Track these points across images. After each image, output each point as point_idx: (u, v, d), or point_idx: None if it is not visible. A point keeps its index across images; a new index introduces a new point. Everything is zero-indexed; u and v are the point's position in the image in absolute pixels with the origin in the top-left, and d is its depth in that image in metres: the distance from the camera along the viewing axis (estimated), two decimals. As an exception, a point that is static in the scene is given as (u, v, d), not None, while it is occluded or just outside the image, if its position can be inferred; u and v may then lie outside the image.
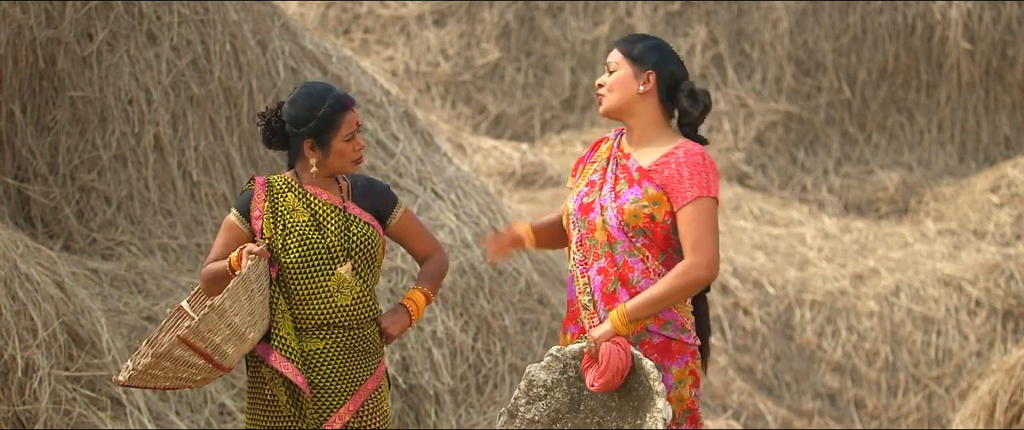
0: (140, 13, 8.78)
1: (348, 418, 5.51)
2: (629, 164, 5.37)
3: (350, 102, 5.57)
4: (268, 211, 5.55)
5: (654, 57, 5.39)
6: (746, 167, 13.70)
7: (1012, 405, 8.58)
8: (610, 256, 5.32)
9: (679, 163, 5.30)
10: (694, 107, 5.40)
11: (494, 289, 9.02)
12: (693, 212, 5.27)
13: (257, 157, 8.95)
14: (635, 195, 5.31)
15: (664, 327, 5.32)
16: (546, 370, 5.31)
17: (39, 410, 7.02)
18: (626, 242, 5.31)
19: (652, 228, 5.30)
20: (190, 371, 5.42)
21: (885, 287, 11.78)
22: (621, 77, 5.40)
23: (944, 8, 14.13)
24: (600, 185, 5.41)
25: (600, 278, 5.34)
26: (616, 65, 5.41)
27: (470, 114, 14.13)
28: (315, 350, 5.52)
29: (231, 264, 5.46)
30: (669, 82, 5.40)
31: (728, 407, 10.42)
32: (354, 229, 5.53)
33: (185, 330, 5.32)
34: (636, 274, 5.31)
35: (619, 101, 5.40)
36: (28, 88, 8.59)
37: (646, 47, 5.41)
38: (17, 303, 7.06)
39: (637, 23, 14.16)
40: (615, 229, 5.32)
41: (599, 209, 5.36)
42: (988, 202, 12.90)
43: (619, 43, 5.46)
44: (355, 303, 5.53)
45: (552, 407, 5.30)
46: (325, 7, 14.65)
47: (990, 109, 14.29)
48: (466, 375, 8.72)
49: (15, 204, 8.51)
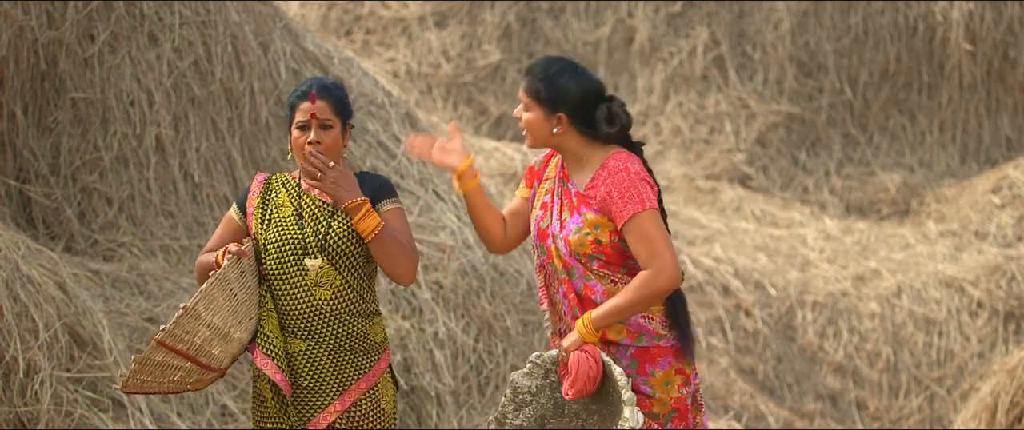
0: (141, 14, 8.79)
1: (334, 418, 5.50)
2: (569, 187, 5.39)
3: (313, 92, 5.53)
4: (258, 207, 5.58)
5: (561, 98, 5.31)
6: (747, 168, 13.69)
7: (1014, 406, 8.58)
8: (568, 281, 5.36)
9: (607, 185, 5.28)
10: (611, 127, 5.34)
11: (495, 290, 9.02)
12: (635, 230, 5.26)
13: (259, 158, 8.95)
14: (577, 224, 5.33)
15: (638, 340, 5.35)
16: (529, 376, 5.38)
17: (40, 411, 7.02)
18: (581, 268, 5.34)
19: (602, 251, 5.32)
20: (179, 374, 5.42)
21: (887, 288, 11.78)
22: (533, 120, 5.36)
23: (945, 9, 14.13)
24: (551, 209, 5.42)
25: (566, 301, 5.40)
26: (527, 106, 5.36)
27: (471, 115, 14.13)
28: (298, 351, 5.51)
29: (217, 261, 5.48)
30: (582, 115, 5.34)
31: (730, 408, 10.42)
32: (335, 224, 5.52)
33: (160, 333, 5.34)
34: (598, 295, 5.33)
35: (539, 141, 5.39)
36: (30, 89, 8.59)
37: (552, 88, 5.31)
38: (19, 304, 7.06)
39: (638, 24, 14.16)
40: (568, 257, 5.35)
41: (552, 237, 5.39)
42: (990, 203, 12.90)
43: (526, 79, 5.38)
44: (336, 296, 5.51)
45: (538, 412, 5.37)
46: (327, 8, 14.65)
47: (991, 110, 14.28)
48: (468, 376, 8.72)
49: (17, 205, 8.51)
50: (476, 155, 12.68)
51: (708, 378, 10.61)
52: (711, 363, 10.72)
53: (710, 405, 10.36)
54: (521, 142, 13.71)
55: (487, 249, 6.20)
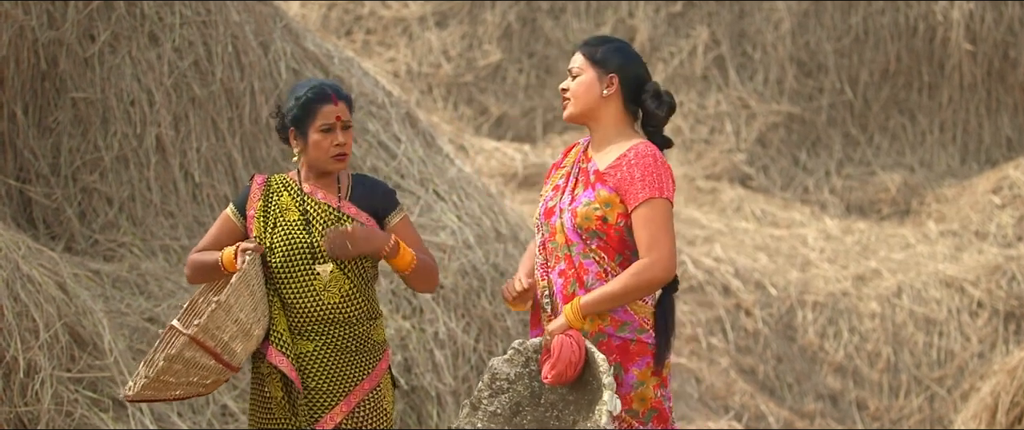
0: (142, 14, 8.79)
1: (340, 419, 5.51)
2: (589, 167, 5.40)
3: (333, 94, 5.52)
4: (260, 210, 5.55)
5: (617, 60, 5.39)
6: (748, 168, 13.70)
7: (1014, 406, 8.59)
8: (569, 258, 5.35)
9: (630, 165, 5.31)
10: (659, 108, 5.40)
11: (496, 290, 9.02)
12: (647, 213, 5.28)
13: (259, 158, 8.95)
14: (588, 198, 5.34)
15: (621, 329, 5.34)
16: (509, 363, 5.37)
17: (41, 411, 7.02)
18: (581, 244, 5.34)
19: (605, 230, 5.32)
20: (201, 374, 5.41)
21: (887, 288, 11.78)
22: (585, 81, 5.39)
23: (946, 9, 14.13)
24: (563, 189, 5.43)
25: (561, 281, 5.38)
26: (579, 69, 5.41)
27: (472, 115, 14.13)
28: (306, 352, 5.51)
29: (224, 261, 5.46)
30: (633, 84, 5.41)
31: (730, 408, 10.43)
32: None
33: (195, 328, 5.31)
34: (590, 276, 5.33)
35: (583, 106, 5.40)
36: (30, 89, 8.59)
37: (609, 50, 5.40)
38: (19, 304, 7.06)
39: (639, 24, 14.16)
40: (570, 231, 5.35)
41: (558, 212, 5.39)
42: (990, 203, 12.90)
43: (582, 46, 5.45)
44: (344, 301, 5.52)
45: (513, 400, 5.36)
46: (327, 8, 14.65)
47: (992, 110, 14.28)
48: (468, 376, 8.73)
49: (17, 205, 8.51)
50: (476, 155, 12.69)
51: (708, 378, 10.61)
52: (711, 363, 10.73)
53: (710, 405, 10.36)
54: (521, 142, 13.71)
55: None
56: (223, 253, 5.49)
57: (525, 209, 11.33)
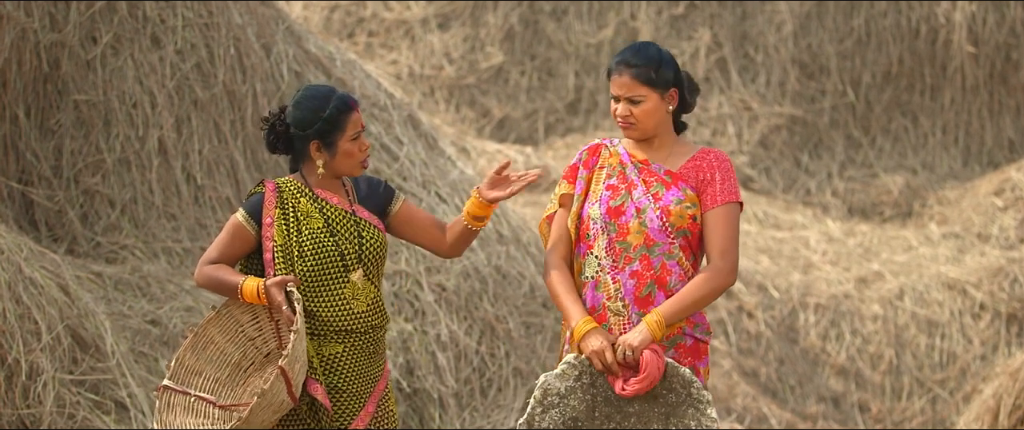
0: (144, 16, 8.79)
1: (369, 419, 5.53)
2: (654, 169, 5.37)
3: (354, 103, 5.55)
4: (280, 218, 5.49)
5: (670, 74, 5.38)
6: (750, 170, 13.70)
7: (1016, 408, 8.59)
8: (646, 259, 5.29)
9: (712, 167, 5.33)
10: (693, 95, 5.46)
11: (498, 292, 9.02)
12: (724, 216, 5.29)
13: (261, 160, 8.95)
14: (677, 197, 5.31)
15: (695, 329, 5.35)
16: (561, 378, 5.29)
17: (43, 414, 7.03)
18: (665, 244, 5.29)
19: (693, 229, 5.30)
20: (272, 415, 5.39)
21: (889, 290, 11.78)
22: (649, 108, 5.35)
23: (948, 11, 14.13)
24: (628, 189, 5.36)
25: (633, 282, 5.30)
26: (639, 96, 5.35)
27: (474, 117, 14.13)
28: (334, 354, 5.51)
29: (245, 294, 5.40)
30: (685, 89, 5.45)
31: (732, 410, 10.42)
32: (365, 235, 5.52)
33: (282, 359, 5.25)
34: (673, 277, 5.29)
35: (653, 127, 5.37)
36: (32, 91, 8.59)
37: (658, 66, 5.36)
38: (21, 307, 7.07)
39: (641, 26, 14.16)
40: (656, 231, 5.29)
41: (635, 211, 5.31)
42: (992, 205, 12.90)
43: (629, 69, 5.37)
44: (370, 309, 5.53)
45: (567, 414, 5.29)
46: (329, 10, 14.66)
47: (994, 112, 14.28)
48: (470, 378, 8.72)
49: (19, 207, 8.52)
50: (478, 157, 12.68)
51: (711, 380, 10.61)
52: (714, 365, 10.73)
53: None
54: (523, 145, 13.71)
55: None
56: (244, 286, 5.43)
57: (527, 211, 11.32)
